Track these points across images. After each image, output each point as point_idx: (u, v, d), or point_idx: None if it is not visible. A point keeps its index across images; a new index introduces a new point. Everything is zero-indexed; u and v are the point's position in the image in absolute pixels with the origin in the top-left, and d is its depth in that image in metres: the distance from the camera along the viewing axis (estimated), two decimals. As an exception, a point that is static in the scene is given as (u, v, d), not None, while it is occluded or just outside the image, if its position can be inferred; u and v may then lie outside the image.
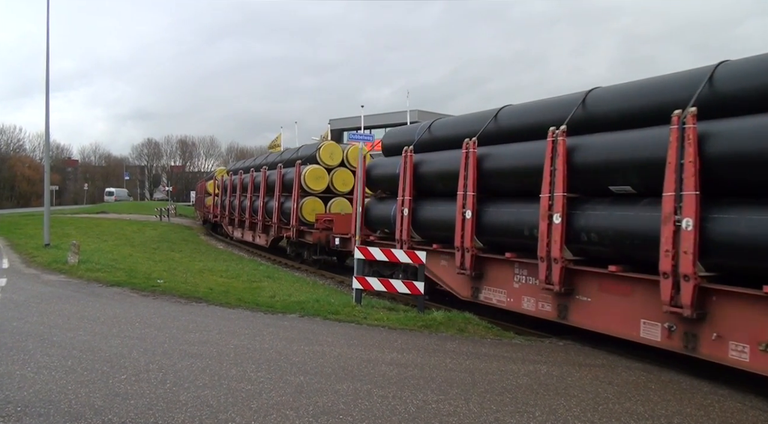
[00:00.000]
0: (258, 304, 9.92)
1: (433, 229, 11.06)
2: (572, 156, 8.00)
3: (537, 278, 8.46)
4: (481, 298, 9.86)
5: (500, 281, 9.48)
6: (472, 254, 9.67)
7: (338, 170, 18.71)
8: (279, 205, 19.89)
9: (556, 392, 5.74)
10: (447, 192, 10.50)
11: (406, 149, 11.51)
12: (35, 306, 9.06)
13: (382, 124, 49.98)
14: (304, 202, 18.20)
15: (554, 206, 8.01)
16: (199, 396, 5.15)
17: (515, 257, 9.04)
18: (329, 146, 19.08)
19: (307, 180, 18.16)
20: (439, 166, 11.03)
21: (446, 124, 11.90)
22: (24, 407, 4.74)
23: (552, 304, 8.47)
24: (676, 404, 5.59)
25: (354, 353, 6.88)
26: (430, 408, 5.12)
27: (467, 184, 9.70)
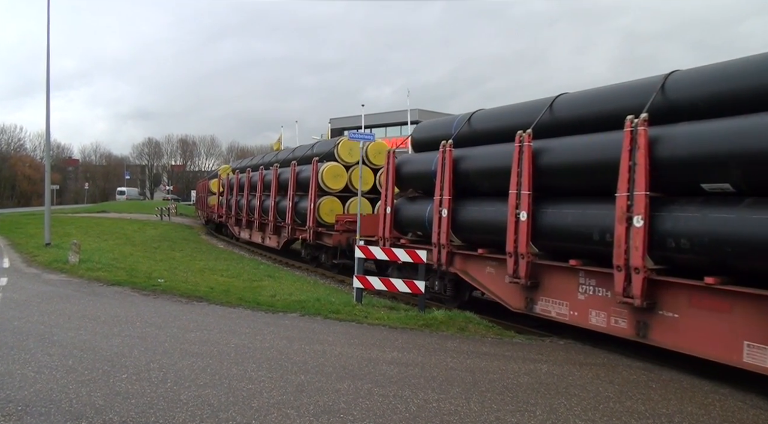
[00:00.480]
0: (259, 303, 9.91)
1: (477, 232, 10.00)
2: (655, 149, 6.94)
3: (609, 289, 7.51)
4: (537, 310, 8.80)
5: (561, 292, 8.41)
6: (527, 261, 8.66)
7: (357, 168, 17.01)
8: (293, 205, 18.71)
9: (556, 391, 5.74)
10: (494, 191, 9.61)
11: (445, 144, 10.45)
12: (36, 305, 9.06)
13: (383, 123, 50.04)
14: (321, 201, 16.98)
15: (634, 207, 6.97)
16: (199, 395, 5.15)
17: (581, 264, 7.99)
18: (348, 142, 17.43)
19: (325, 178, 16.92)
20: (484, 162, 10.00)
21: (490, 115, 10.74)
22: (25, 406, 4.74)
23: (629, 320, 7.36)
24: (677, 402, 5.58)
25: (355, 352, 6.88)
26: (431, 407, 5.12)
27: (521, 182, 8.70)
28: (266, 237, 21.67)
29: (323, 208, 16.93)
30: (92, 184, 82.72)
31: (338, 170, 17.16)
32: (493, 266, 9.68)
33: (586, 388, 5.91)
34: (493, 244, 9.51)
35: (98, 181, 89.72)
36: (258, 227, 22.43)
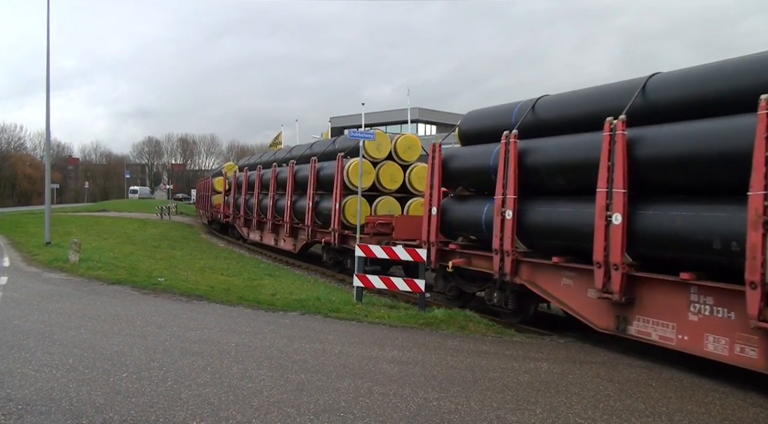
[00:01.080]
0: (259, 302, 9.92)
1: (548, 237, 8.64)
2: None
3: (733, 310, 6.24)
4: (631, 331, 7.42)
5: (666, 311, 7.00)
6: (622, 273, 7.24)
7: (385, 164, 15.76)
8: (313, 206, 16.97)
9: (557, 390, 5.74)
10: (571, 188, 8.43)
11: (508, 135, 9.04)
12: (36, 304, 9.07)
13: (383, 121, 50.02)
14: (347, 201, 15.31)
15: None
16: (200, 394, 5.15)
17: (694, 278, 6.59)
18: (377, 136, 15.47)
19: (351, 176, 15.22)
20: (559, 155, 8.55)
21: (561, 101, 9.26)
22: (25, 405, 4.75)
23: (760, 349, 6.00)
24: (677, 401, 5.58)
25: (355, 351, 6.88)
26: (431, 406, 5.12)
27: (613, 177, 7.31)
28: (280, 239, 20.08)
29: (349, 208, 15.28)
30: (92, 183, 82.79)
31: (366, 167, 15.09)
32: (570, 277, 8.28)
33: (587, 386, 5.91)
34: (570, 251, 8.28)
35: (98, 180, 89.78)
36: (271, 228, 20.94)
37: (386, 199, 15.56)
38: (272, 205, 20.60)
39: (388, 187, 15.81)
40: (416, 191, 15.71)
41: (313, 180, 17.08)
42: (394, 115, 48.62)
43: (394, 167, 15.89)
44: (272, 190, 20.71)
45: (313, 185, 17.11)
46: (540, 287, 8.75)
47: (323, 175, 16.86)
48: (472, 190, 10.94)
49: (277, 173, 20.46)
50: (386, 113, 50.43)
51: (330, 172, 16.14)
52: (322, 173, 17.03)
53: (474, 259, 10.16)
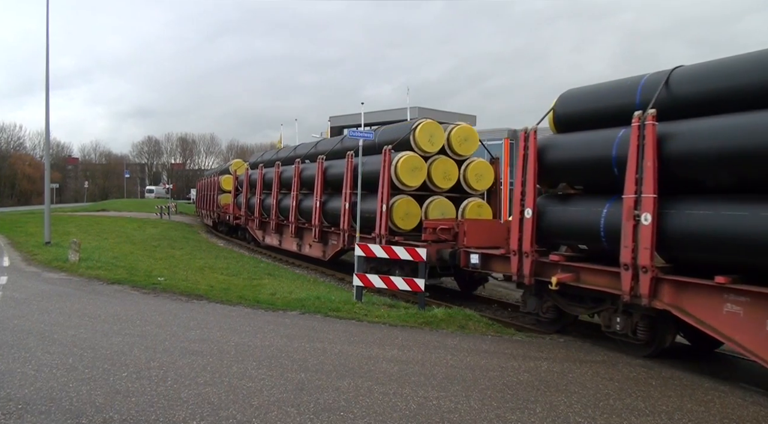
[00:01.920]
0: (259, 301, 9.92)
1: (707, 249, 6.56)
2: None
3: None
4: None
5: None
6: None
7: (437, 159, 13.30)
8: (349, 207, 14.45)
9: (556, 389, 5.74)
10: (744, 185, 6.46)
11: (641, 116, 7.09)
12: (36, 304, 9.07)
13: (382, 121, 49.98)
14: (395, 202, 12.88)
15: None
16: (200, 393, 5.16)
17: None
18: (429, 126, 13.23)
19: (400, 172, 12.77)
20: (727, 141, 6.38)
21: (714, 71, 7.10)
22: (25, 405, 4.75)
23: None
24: (677, 400, 5.59)
25: (355, 350, 6.89)
26: (431, 405, 5.12)
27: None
28: (305, 245, 17.72)
29: (398, 210, 12.85)
30: (92, 183, 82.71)
31: (416, 162, 12.97)
32: (740, 303, 6.24)
33: (586, 385, 5.91)
34: (740, 269, 6.33)
35: (98, 179, 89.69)
36: (294, 232, 18.31)
37: (438, 200, 13.18)
38: (295, 206, 18.20)
39: (441, 186, 13.31)
40: (472, 191, 13.62)
41: (349, 178, 14.56)
42: (393, 115, 48.54)
43: (448, 163, 13.37)
44: (295, 189, 18.24)
45: (350, 184, 14.55)
46: (692, 315, 6.71)
47: (365, 172, 13.93)
48: (578, 187, 8.81)
49: (300, 171, 18.20)
50: (386, 112, 50.38)
51: (372, 168, 13.56)
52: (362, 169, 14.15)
53: (586, 274, 8.04)
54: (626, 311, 7.62)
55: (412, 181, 12.99)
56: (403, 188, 13.07)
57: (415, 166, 12.95)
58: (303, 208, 17.82)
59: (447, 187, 13.47)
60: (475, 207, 13.30)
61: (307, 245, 17.71)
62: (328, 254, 16.12)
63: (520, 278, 8.88)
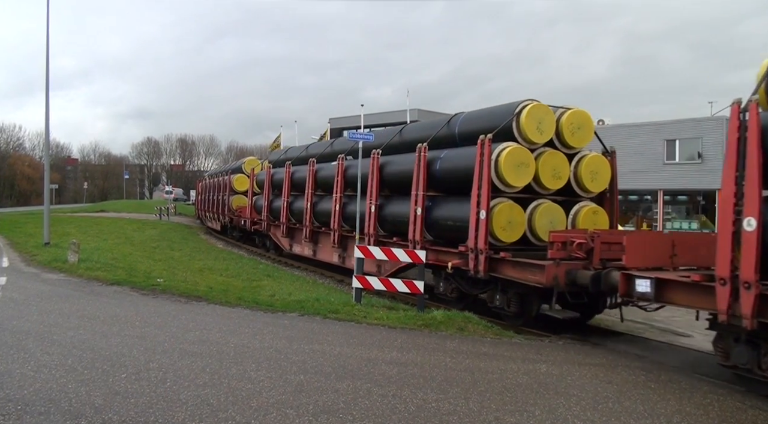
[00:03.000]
0: (258, 303, 9.92)
1: None
2: None
3: None
4: None
5: None
6: None
7: (545, 153, 10.21)
8: (422, 213, 11.29)
9: (555, 391, 5.75)
10: None
11: None
12: (35, 305, 9.06)
13: (382, 123, 50.05)
14: (496, 207, 9.75)
15: None
16: (199, 395, 5.16)
17: None
18: (537, 109, 10.16)
19: (504, 169, 9.73)
20: None
21: None
22: (24, 406, 4.74)
23: None
24: (676, 403, 5.59)
25: (354, 352, 6.89)
26: (430, 407, 5.13)
27: None
28: (351, 256, 14.01)
29: (499, 218, 9.76)
30: (91, 184, 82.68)
31: (523, 156, 9.94)
32: None
33: (585, 388, 5.92)
34: None
35: (97, 180, 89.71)
36: (337, 241, 15.32)
37: (546, 205, 10.09)
38: (339, 211, 15.15)
39: (549, 187, 10.28)
40: (584, 193, 10.65)
41: (422, 176, 11.39)
42: (393, 117, 48.59)
43: (558, 157, 10.32)
44: (338, 191, 15.17)
45: (422, 184, 11.44)
46: None
47: (445, 169, 11.19)
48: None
49: (345, 168, 15.19)
50: (385, 114, 50.46)
51: (462, 164, 10.66)
52: (440, 167, 11.31)
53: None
54: None
55: (517, 181, 9.97)
56: (505, 190, 10.06)
57: (521, 162, 9.96)
58: (348, 214, 14.93)
59: (555, 189, 10.44)
60: (590, 214, 10.33)
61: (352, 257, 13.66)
62: (388, 270, 12.86)
63: (732, 318, 6.11)
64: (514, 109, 10.20)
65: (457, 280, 10.63)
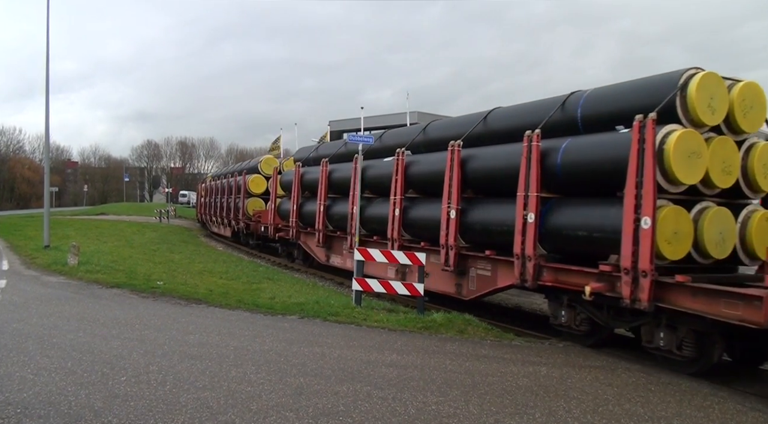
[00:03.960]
0: (258, 305, 9.92)
1: None
2: None
3: None
4: None
5: None
6: None
7: (715, 140, 7.65)
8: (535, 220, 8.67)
9: (555, 394, 5.74)
10: None
11: None
12: (35, 308, 9.06)
13: (382, 125, 50.11)
14: (661, 213, 7.16)
15: None
16: (198, 398, 5.15)
17: None
18: (709, 80, 7.53)
19: (673, 161, 7.22)
20: None
21: None
22: (24, 409, 4.74)
23: None
24: (676, 405, 5.59)
25: (354, 355, 6.88)
26: (430, 410, 5.12)
27: None
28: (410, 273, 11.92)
29: (664, 227, 7.17)
30: (91, 187, 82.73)
31: (695, 143, 7.39)
32: None
33: (585, 390, 5.91)
34: None
35: (97, 183, 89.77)
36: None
37: (715, 210, 7.49)
38: (398, 217, 12.26)
39: (718, 185, 7.69)
40: (754, 193, 8.23)
41: (536, 172, 8.69)
42: (393, 119, 48.64)
43: (729, 146, 7.75)
44: (397, 192, 12.30)
45: (536, 182, 8.68)
46: None
47: (571, 163, 8.47)
48: None
49: (405, 166, 12.34)
50: (385, 117, 50.54)
51: (601, 156, 8.14)
52: (563, 160, 8.53)
53: None
54: None
55: (687, 177, 7.40)
56: (669, 189, 7.47)
57: (693, 151, 7.39)
58: (412, 220, 12.16)
59: (724, 187, 7.83)
60: (764, 222, 7.73)
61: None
62: (471, 291, 10.39)
63: None
64: (678, 80, 7.55)
65: (590, 308, 8.05)
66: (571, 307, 8.44)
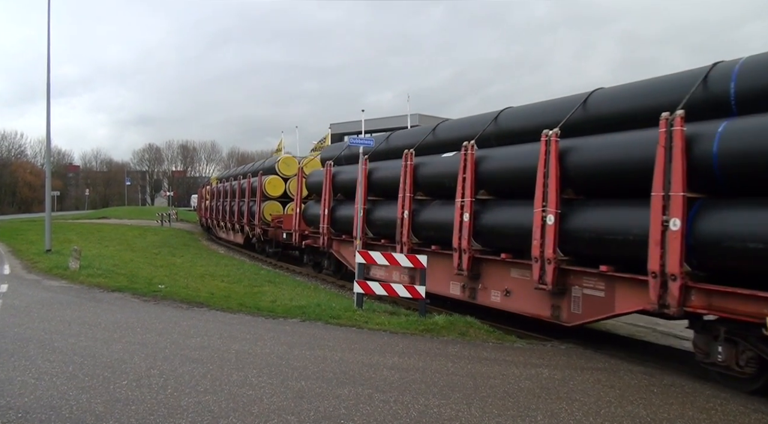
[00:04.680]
0: (259, 308, 9.91)
1: None
2: None
3: None
4: None
5: None
6: None
7: None
8: (681, 229, 6.58)
9: (558, 396, 5.72)
10: None
11: None
12: (36, 312, 9.06)
13: (384, 128, 50.17)
14: None
15: None
16: (200, 402, 5.15)
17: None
18: None
19: None
20: None
21: None
22: (25, 413, 4.74)
23: None
24: (678, 407, 5.57)
25: (355, 358, 6.87)
26: (432, 413, 5.11)
27: None
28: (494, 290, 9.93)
29: None
30: (93, 191, 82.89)
31: None
32: None
33: (588, 392, 5.90)
34: None
35: (99, 187, 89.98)
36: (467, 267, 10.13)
37: None
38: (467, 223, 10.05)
39: None
40: None
41: (681, 167, 6.72)
42: (394, 122, 48.75)
43: None
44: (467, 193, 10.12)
45: (681, 179, 6.74)
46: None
47: (734, 152, 6.46)
48: None
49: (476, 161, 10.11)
50: (386, 119, 50.60)
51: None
52: (721, 149, 6.54)
53: None
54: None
55: None
56: None
57: None
58: (484, 226, 9.94)
59: None
60: None
61: (500, 292, 9.74)
62: (575, 315, 8.35)
63: None
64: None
65: (761, 345, 6.19)
66: (732, 342, 6.45)
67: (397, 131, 15.08)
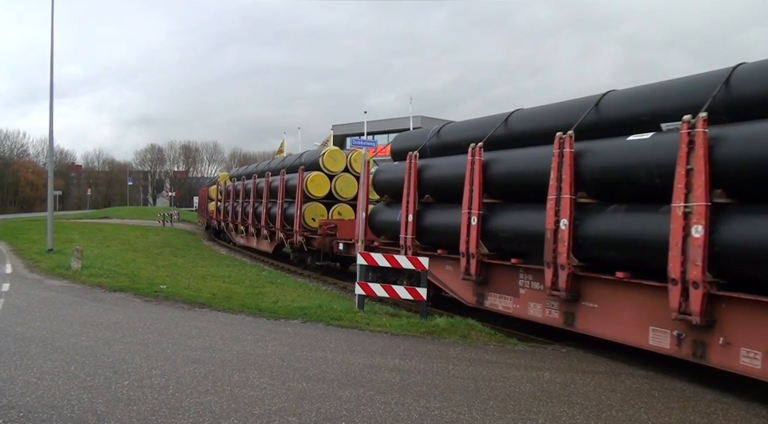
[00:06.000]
0: (261, 310, 9.91)
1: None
2: None
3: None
4: None
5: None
6: None
7: None
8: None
9: (559, 400, 5.72)
10: None
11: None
12: (38, 311, 9.07)
13: (386, 129, 50.19)
14: None
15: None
16: (201, 402, 5.15)
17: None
18: None
19: None
20: None
21: None
22: (27, 413, 4.74)
23: None
24: (680, 411, 5.56)
25: (356, 359, 6.87)
26: (433, 415, 5.11)
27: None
28: (616, 317, 7.59)
29: None
30: (95, 191, 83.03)
31: None
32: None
33: (589, 396, 5.89)
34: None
35: (101, 187, 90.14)
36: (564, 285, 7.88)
37: None
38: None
39: None
40: None
41: None
42: (396, 123, 48.80)
43: None
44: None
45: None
46: None
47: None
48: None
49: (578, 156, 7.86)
50: (388, 121, 50.61)
51: None
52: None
53: None
54: None
55: None
56: None
57: None
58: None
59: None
60: None
61: (633, 325, 7.34)
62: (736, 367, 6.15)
63: None
64: None
65: None
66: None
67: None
